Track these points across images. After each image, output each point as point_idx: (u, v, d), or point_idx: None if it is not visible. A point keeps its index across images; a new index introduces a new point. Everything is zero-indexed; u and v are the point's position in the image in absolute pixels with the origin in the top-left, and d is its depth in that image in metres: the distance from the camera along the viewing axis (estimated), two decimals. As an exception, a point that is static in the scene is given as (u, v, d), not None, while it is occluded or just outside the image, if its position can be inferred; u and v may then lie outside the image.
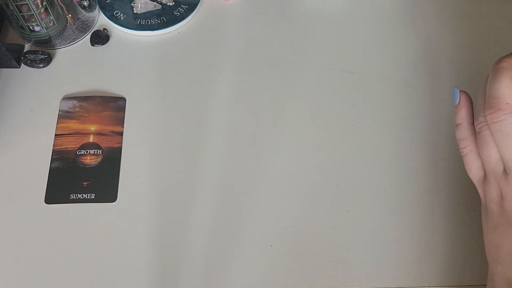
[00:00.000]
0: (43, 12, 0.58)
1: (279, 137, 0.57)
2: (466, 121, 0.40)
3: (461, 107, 0.40)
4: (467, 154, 0.40)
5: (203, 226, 0.52)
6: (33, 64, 0.61)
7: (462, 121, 0.40)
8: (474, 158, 0.39)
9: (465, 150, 0.40)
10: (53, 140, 0.56)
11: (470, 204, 0.54)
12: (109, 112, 0.58)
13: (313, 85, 0.61)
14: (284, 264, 0.50)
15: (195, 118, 0.58)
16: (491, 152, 0.37)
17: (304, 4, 0.68)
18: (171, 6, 0.66)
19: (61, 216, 0.52)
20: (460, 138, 0.40)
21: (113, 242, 0.51)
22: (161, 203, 0.53)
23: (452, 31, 0.66)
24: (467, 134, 0.40)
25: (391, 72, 0.62)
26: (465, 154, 0.40)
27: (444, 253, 0.51)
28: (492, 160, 0.37)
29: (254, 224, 0.52)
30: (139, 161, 0.55)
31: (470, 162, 0.40)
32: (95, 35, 0.64)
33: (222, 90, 0.60)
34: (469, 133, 0.40)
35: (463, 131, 0.40)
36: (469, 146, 0.40)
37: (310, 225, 0.52)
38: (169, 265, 0.50)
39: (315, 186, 0.54)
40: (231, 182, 0.54)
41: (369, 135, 0.58)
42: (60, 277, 0.49)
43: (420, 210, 0.53)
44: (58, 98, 0.59)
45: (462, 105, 0.40)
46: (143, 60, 0.63)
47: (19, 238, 0.51)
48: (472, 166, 0.40)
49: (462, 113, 0.40)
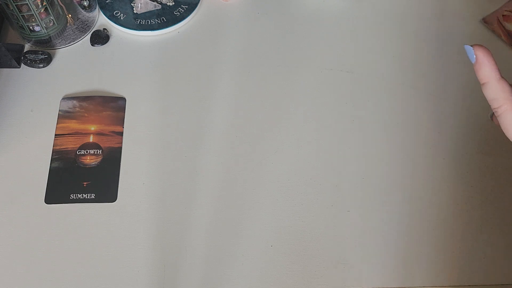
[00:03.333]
0: (43, 12, 0.58)
1: (279, 137, 0.57)
2: (492, 78, 0.35)
3: (481, 64, 0.35)
4: (502, 114, 0.35)
5: (203, 226, 0.52)
6: (33, 64, 0.61)
7: (488, 79, 0.35)
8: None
9: (499, 110, 0.35)
10: (53, 140, 0.56)
11: (470, 204, 0.54)
12: (109, 112, 0.58)
13: (313, 85, 0.61)
14: (284, 264, 0.50)
15: (195, 118, 0.58)
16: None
17: (304, 4, 0.68)
18: (171, 6, 0.66)
19: (61, 216, 0.52)
20: (490, 98, 0.35)
21: (113, 242, 0.51)
22: (161, 203, 0.53)
23: (450, 30, 0.66)
24: (498, 91, 0.35)
25: (391, 72, 0.62)
26: (500, 114, 0.35)
27: (444, 253, 0.51)
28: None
29: (254, 224, 0.52)
30: (139, 161, 0.55)
31: (507, 122, 0.35)
32: (95, 35, 0.64)
33: (222, 90, 0.60)
34: (500, 90, 0.35)
35: (493, 90, 0.35)
36: (505, 105, 0.35)
37: (310, 225, 0.52)
38: (169, 265, 0.50)
39: (315, 186, 0.54)
40: (231, 182, 0.54)
41: (369, 135, 0.58)
42: (60, 276, 0.49)
43: (420, 210, 0.53)
44: (58, 98, 0.59)
45: (482, 62, 0.35)
46: (143, 60, 0.63)
47: (19, 238, 0.51)
48: (511, 126, 0.35)
49: (485, 71, 0.35)
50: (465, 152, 0.57)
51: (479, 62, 0.35)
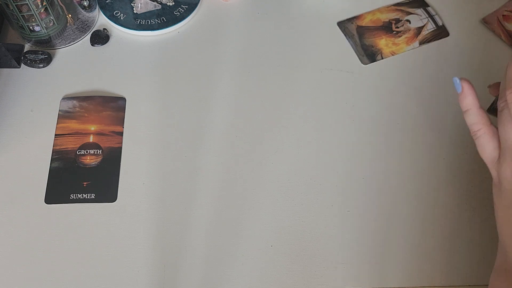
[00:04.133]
0: (43, 12, 0.58)
1: (279, 137, 0.57)
2: (474, 106, 0.41)
3: (465, 94, 0.41)
4: (481, 137, 0.41)
5: (203, 226, 0.52)
6: (33, 64, 0.61)
7: (470, 107, 0.41)
8: (489, 139, 0.40)
9: (478, 133, 0.41)
10: (53, 140, 0.56)
11: (470, 204, 0.54)
12: (109, 112, 0.58)
13: (313, 85, 0.61)
14: (284, 264, 0.50)
15: (195, 118, 0.58)
16: (511, 130, 0.39)
17: (304, 4, 0.68)
18: (171, 6, 0.67)
19: (61, 216, 0.52)
20: (471, 123, 0.41)
21: (113, 242, 0.51)
22: (161, 203, 0.53)
23: (451, 31, 0.66)
24: (478, 118, 0.41)
25: (391, 72, 0.62)
26: (479, 137, 0.41)
27: (444, 253, 0.51)
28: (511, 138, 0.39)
29: (254, 224, 0.52)
30: (139, 161, 0.55)
31: (484, 144, 0.41)
32: (95, 35, 0.64)
33: (222, 90, 0.61)
34: (480, 117, 0.41)
35: (474, 116, 0.41)
36: (482, 129, 0.41)
37: (310, 225, 0.52)
38: (169, 265, 0.50)
39: (315, 186, 0.54)
40: (231, 182, 0.54)
41: (369, 135, 0.58)
42: (60, 276, 0.49)
43: (420, 210, 0.53)
44: (58, 98, 0.59)
45: (467, 92, 0.41)
46: (143, 60, 0.63)
47: (19, 238, 0.51)
48: (487, 147, 0.40)
49: (469, 100, 0.41)
50: (465, 152, 0.57)
51: (464, 93, 0.41)
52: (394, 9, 0.68)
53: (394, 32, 0.66)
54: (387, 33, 0.65)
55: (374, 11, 0.67)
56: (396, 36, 0.65)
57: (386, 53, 0.64)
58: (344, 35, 0.65)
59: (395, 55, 0.64)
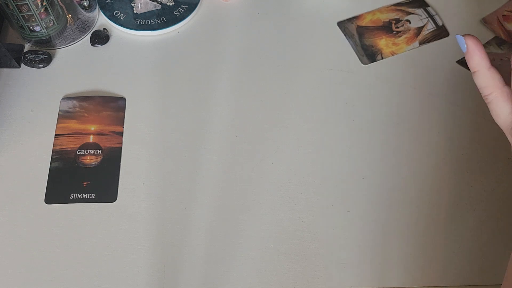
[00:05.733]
0: (43, 12, 0.58)
1: (279, 137, 0.57)
2: (483, 67, 0.36)
3: (472, 53, 0.36)
4: (493, 101, 0.36)
5: (203, 226, 0.52)
6: (33, 64, 0.61)
7: (478, 68, 0.37)
8: (502, 103, 0.36)
9: (490, 97, 0.37)
10: (53, 140, 0.56)
11: (470, 204, 0.54)
12: (109, 112, 0.58)
13: (313, 85, 0.61)
14: (284, 264, 0.50)
15: (195, 118, 0.58)
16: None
17: (304, 4, 0.68)
18: (171, 6, 0.67)
19: (61, 216, 0.52)
20: (481, 86, 0.37)
21: (113, 242, 0.51)
22: (161, 203, 0.53)
23: (451, 31, 0.66)
24: (488, 79, 0.36)
25: (391, 72, 0.62)
26: (490, 101, 0.37)
27: (444, 253, 0.51)
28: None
29: (254, 224, 0.52)
30: (139, 161, 0.55)
31: (497, 108, 0.36)
32: (95, 35, 0.64)
33: (222, 90, 0.61)
34: (490, 78, 0.36)
35: (483, 78, 0.36)
36: (494, 93, 0.36)
37: (310, 225, 0.52)
38: (169, 265, 0.50)
39: (315, 186, 0.54)
40: (231, 182, 0.54)
41: (369, 135, 0.58)
42: (60, 276, 0.49)
43: (420, 210, 0.53)
44: (58, 98, 0.59)
45: (473, 51, 0.36)
46: (143, 60, 0.63)
47: (19, 238, 0.51)
48: (501, 112, 0.36)
49: (476, 59, 0.36)
50: (465, 152, 0.57)
51: (470, 52, 0.36)
52: (394, 9, 0.68)
53: (394, 32, 0.66)
54: (387, 33, 0.65)
55: (374, 11, 0.67)
56: (396, 36, 0.65)
57: (386, 53, 0.64)
58: (344, 35, 0.65)
59: (395, 55, 0.64)
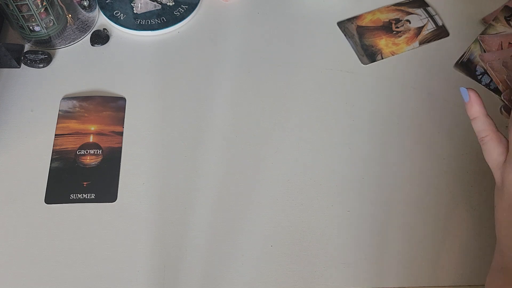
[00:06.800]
0: (43, 12, 0.58)
1: (279, 137, 0.57)
2: (481, 114, 0.44)
3: (473, 103, 0.44)
4: (488, 142, 0.43)
5: (203, 226, 0.52)
6: (33, 64, 0.61)
7: (477, 115, 0.44)
8: (495, 145, 0.43)
9: (486, 139, 0.43)
10: (53, 140, 0.56)
11: (470, 204, 0.54)
12: (109, 112, 0.58)
13: (313, 85, 0.61)
14: (284, 264, 0.50)
15: (195, 118, 0.58)
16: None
17: (304, 4, 0.68)
18: (171, 6, 0.67)
19: (61, 216, 0.52)
20: (479, 130, 0.44)
21: (113, 242, 0.51)
22: (161, 203, 0.53)
23: (451, 31, 0.66)
24: (485, 125, 0.43)
25: (391, 72, 0.62)
26: (486, 142, 0.43)
27: (444, 253, 0.51)
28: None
29: (254, 224, 0.52)
30: (139, 161, 0.55)
31: (491, 149, 0.43)
32: (95, 35, 0.64)
33: (222, 90, 0.61)
34: (487, 124, 0.43)
35: (481, 124, 0.44)
36: (489, 135, 0.43)
37: (310, 225, 0.52)
38: (169, 265, 0.50)
39: (315, 186, 0.54)
40: (231, 182, 0.54)
41: (369, 135, 0.58)
42: (60, 276, 0.49)
43: (420, 210, 0.53)
44: (58, 98, 0.59)
45: (474, 101, 0.44)
46: (143, 60, 0.63)
47: (19, 238, 0.51)
48: (493, 152, 0.43)
49: (476, 108, 0.44)
50: (465, 152, 0.57)
51: (472, 101, 0.44)
52: (394, 9, 0.68)
53: (394, 32, 0.66)
54: (387, 33, 0.65)
55: (374, 11, 0.67)
56: (396, 36, 0.65)
57: (386, 53, 0.64)
58: (344, 35, 0.65)
59: (395, 55, 0.64)
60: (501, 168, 0.42)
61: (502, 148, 0.42)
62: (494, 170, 0.43)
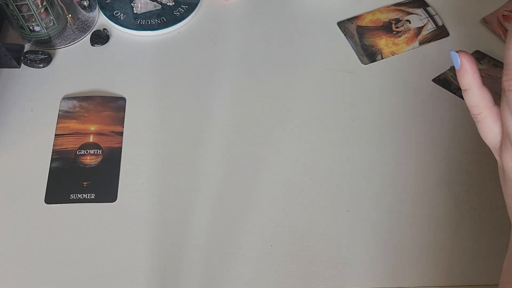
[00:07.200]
0: (43, 12, 0.58)
1: (279, 137, 0.57)
2: (474, 85, 0.35)
3: (464, 71, 0.36)
4: (481, 121, 0.36)
5: (203, 226, 0.52)
6: (33, 64, 0.61)
7: (470, 86, 0.36)
8: (490, 124, 0.36)
9: (479, 117, 0.36)
10: (53, 140, 0.56)
11: (470, 204, 0.54)
12: (109, 112, 0.58)
13: (313, 85, 0.61)
14: (284, 264, 0.50)
15: (195, 118, 0.58)
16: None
17: (304, 4, 0.68)
18: (171, 6, 0.67)
19: (61, 216, 0.52)
20: (471, 105, 0.36)
21: (113, 242, 0.51)
22: (161, 203, 0.53)
23: (451, 31, 0.66)
24: (479, 99, 0.35)
25: (391, 72, 0.62)
26: (479, 120, 0.36)
27: (444, 253, 0.51)
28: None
29: (254, 224, 0.52)
30: (139, 161, 0.55)
31: (486, 128, 0.36)
32: (95, 35, 0.64)
33: (222, 90, 0.61)
34: (481, 98, 0.35)
35: (474, 97, 0.36)
36: (483, 113, 0.35)
37: (310, 225, 0.52)
38: (169, 265, 0.50)
39: (315, 186, 0.54)
40: (231, 182, 0.54)
41: (369, 135, 0.58)
42: (60, 276, 0.49)
43: (420, 210, 0.53)
44: (58, 98, 0.59)
45: (466, 69, 0.35)
46: (143, 60, 0.63)
47: (19, 238, 0.51)
48: (489, 132, 0.36)
49: (468, 78, 0.35)
50: (464, 152, 0.57)
51: (463, 69, 0.35)
52: (394, 9, 0.68)
53: (394, 32, 0.66)
54: (387, 33, 0.65)
55: (374, 11, 0.67)
56: (396, 36, 0.65)
57: (386, 53, 0.64)
58: (344, 35, 0.65)
59: (395, 55, 0.64)
60: (499, 151, 0.36)
61: (498, 128, 0.35)
62: (493, 151, 0.37)
